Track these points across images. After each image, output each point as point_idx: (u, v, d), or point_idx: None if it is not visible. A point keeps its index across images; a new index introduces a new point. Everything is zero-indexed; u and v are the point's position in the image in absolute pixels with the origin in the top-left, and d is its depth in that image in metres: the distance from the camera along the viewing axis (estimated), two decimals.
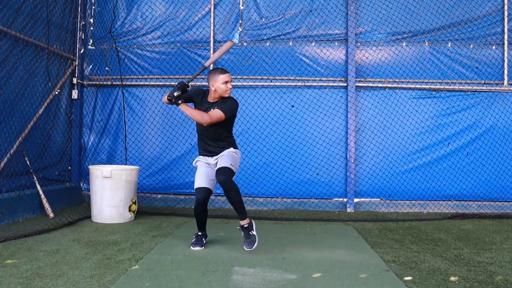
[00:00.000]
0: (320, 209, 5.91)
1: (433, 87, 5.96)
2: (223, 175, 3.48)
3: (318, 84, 6.06)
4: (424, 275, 2.98)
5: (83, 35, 6.26)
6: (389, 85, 6.00)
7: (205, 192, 3.61)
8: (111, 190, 4.76)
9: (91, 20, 6.33)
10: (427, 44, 5.99)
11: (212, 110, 3.54)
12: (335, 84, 6.05)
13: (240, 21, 6.17)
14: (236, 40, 6.12)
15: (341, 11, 6.05)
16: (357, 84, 5.96)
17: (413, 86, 5.98)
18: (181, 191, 6.12)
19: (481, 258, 3.44)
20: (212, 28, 6.15)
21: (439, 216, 5.48)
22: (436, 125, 5.96)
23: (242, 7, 6.16)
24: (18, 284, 2.66)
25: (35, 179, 5.03)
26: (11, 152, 4.77)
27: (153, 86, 6.21)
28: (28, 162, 5.01)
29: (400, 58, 5.99)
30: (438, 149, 5.95)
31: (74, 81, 6.13)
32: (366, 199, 5.99)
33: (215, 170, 3.58)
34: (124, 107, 6.22)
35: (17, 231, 4.05)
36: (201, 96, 3.69)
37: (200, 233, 3.77)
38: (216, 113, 3.50)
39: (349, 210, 5.89)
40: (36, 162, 5.27)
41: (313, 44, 6.11)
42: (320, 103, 6.04)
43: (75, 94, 6.14)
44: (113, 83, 6.25)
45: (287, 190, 6.02)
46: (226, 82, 3.55)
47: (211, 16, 6.16)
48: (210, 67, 5.07)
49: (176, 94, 3.44)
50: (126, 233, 4.24)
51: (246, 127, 6.02)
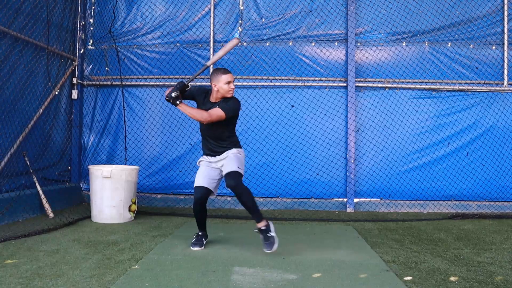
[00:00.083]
0: (320, 209, 5.91)
1: (433, 87, 5.96)
2: (232, 179, 3.46)
3: (318, 84, 6.06)
4: (424, 275, 2.98)
5: (83, 35, 6.27)
6: (389, 85, 6.00)
7: (203, 191, 3.60)
8: (111, 190, 4.76)
9: (91, 20, 6.33)
10: (427, 44, 5.99)
11: (212, 109, 3.52)
12: (335, 84, 6.05)
13: (240, 21, 6.17)
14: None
15: (341, 11, 6.05)
16: (357, 84, 5.96)
17: (413, 86, 5.98)
18: (181, 191, 6.12)
19: (481, 258, 3.44)
20: (212, 28, 6.15)
21: (439, 216, 5.48)
22: (436, 125, 5.96)
23: (242, 7, 6.16)
24: (18, 284, 2.66)
25: (35, 179, 5.03)
26: (11, 152, 4.77)
27: (153, 86, 6.21)
28: (28, 162, 5.01)
29: (400, 58, 5.99)
30: (438, 149, 5.95)
31: (74, 81, 6.13)
32: (366, 199, 5.99)
33: (223, 175, 3.55)
34: (124, 107, 6.22)
35: (17, 231, 4.05)
36: (203, 96, 3.67)
37: (200, 233, 3.77)
38: (217, 112, 3.47)
39: (349, 210, 5.89)
40: (36, 162, 5.27)
41: (313, 44, 6.11)
42: (320, 103, 6.04)
43: (75, 94, 6.14)
44: (113, 83, 6.25)
45: (287, 190, 6.02)
46: (229, 82, 3.52)
47: (211, 16, 6.16)
48: (211, 67, 5.08)
49: (173, 95, 3.41)
50: (126, 233, 4.24)
51: (246, 127, 6.02)
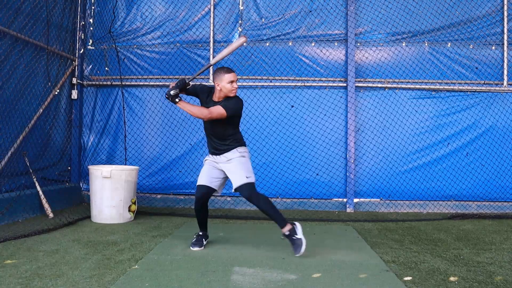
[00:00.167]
0: (320, 209, 5.91)
1: (432, 87, 5.96)
2: (245, 191, 3.47)
3: (318, 84, 6.06)
4: (424, 275, 2.98)
5: (82, 35, 6.26)
6: (389, 85, 6.00)
7: (204, 190, 3.61)
8: (110, 190, 4.76)
9: (91, 20, 6.33)
10: (426, 45, 5.99)
11: (213, 106, 3.49)
12: (334, 84, 6.05)
13: (240, 21, 6.17)
14: (235, 39, 6.12)
15: (340, 11, 6.05)
16: (356, 84, 5.96)
17: (412, 86, 5.98)
18: (181, 191, 6.12)
19: (480, 258, 3.44)
20: (212, 28, 6.15)
21: (438, 216, 5.48)
22: (436, 125, 5.96)
23: (242, 7, 6.16)
24: (18, 284, 2.66)
25: (35, 179, 5.03)
26: (11, 152, 4.77)
27: (152, 86, 6.21)
28: (27, 162, 5.00)
29: (400, 59, 5.99)
30: (437, 149, 5.95)
31: (74, 81, 6.12)
32: (366, 199, 5.99)
33: (234, 188, 3.53)
34: (123, 107, 6.22)
35: (16, 231, 4.05)
36: (206, 95, 3.65)
37: (201, 233, 3.77)
38: (217, 109, 3.44)
39: (348, 210, 5.89)
40: (36, 162, 5.27)
41: (312, 44, 6.11)
42: (320, 103, 6.04)
43: (74, 94, 6.14)
44: (113, 83, 6.25)
45: (286, 190, 6.02)
46: (232, 82, 3.49)
47: (210, 16, 6.15)
48: (210, 69, 5.09)
49: (172, 93, 3.39)
50: (125, 233, 4.24)
51: (246, 127, 6.00)
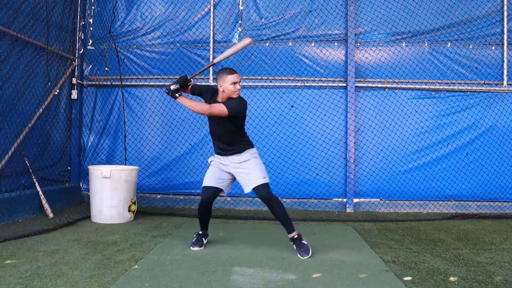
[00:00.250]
0: (320, 209, 5.91)
1: (432, 87, 5.96)
2: (263, 192, 3.50)
3: (318, 85, 6.06)
4: (424, 275, 2.98)
5: (82, 35, 6.26)
6: (389, 85, 6.00)
7: (211, 192, 3.60)
8: (110, 190, 4.76)
9: (91, 20, 6.33)
10: (426, 45, 5.99)
11: (215, 103, 3.48)
12: (334, 85, 6.05)
13: (240, 21, 6.16)
14: (235, 40, 6.12)
15: (340, 12, 6.05)
16: (356, 85, 5.96)
17: (412, 86, 5.98)
18: (181, 191, 6.12)
19: (480, 258, 3.44)
20: (211, 28, 6.15)
21: (438, 216, 5.48)
22: (436, 125, 5.96)
23: (241, 7, 6.16)
24: (18, 284, 2.66)
25: (35, 179, 5.02)
26: (11, 152, 4.77)
27: (152, 86, 6.21)
28: (27, 162, 5.00)
29: (400, 59, 5.99)
30: (437, 149, 5.95)
31: (74, 81, 6.12)
32: (366, 199, 5.99)
33: (251, 188, 3.56)
34: (123, 107, 6.22)
35: (16, 231, 4.05)
36: (210, 95, 3.64)
37: (201, 232, 3.77)
38: (219, 107, 3.41)
39: (348, 210, 5.89)
40: (36, 162, 5.27)
41: (312, 44, 6.11)
42: (320, 103, 6.04)
43: (74, 94, 6.14)
44: (113, 83, 6.25)
45: (286, 190, 6.02)
46: (235, 83, 3.46)
47: (210, 17, 6.15)
48: (210, 69, 5.10)
49: (173, 87, 3.38)
50: (125, 233, 4.24)
51: (246, 127, 5.96)
